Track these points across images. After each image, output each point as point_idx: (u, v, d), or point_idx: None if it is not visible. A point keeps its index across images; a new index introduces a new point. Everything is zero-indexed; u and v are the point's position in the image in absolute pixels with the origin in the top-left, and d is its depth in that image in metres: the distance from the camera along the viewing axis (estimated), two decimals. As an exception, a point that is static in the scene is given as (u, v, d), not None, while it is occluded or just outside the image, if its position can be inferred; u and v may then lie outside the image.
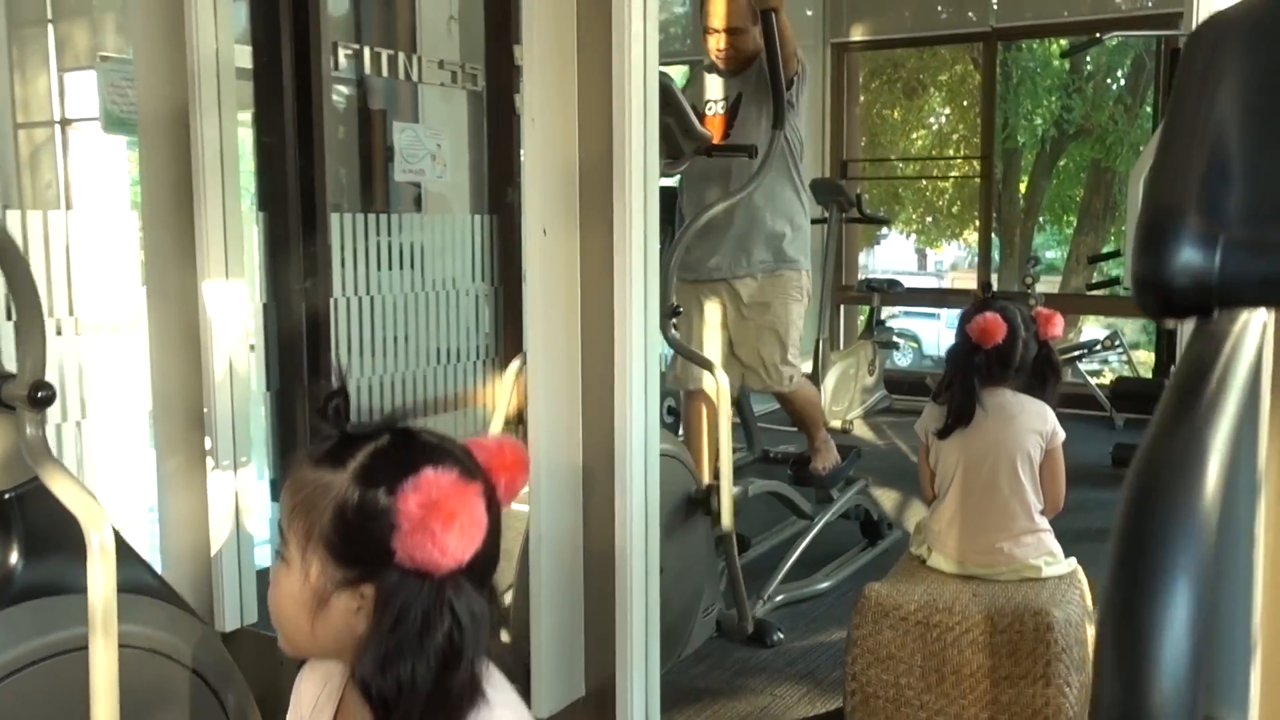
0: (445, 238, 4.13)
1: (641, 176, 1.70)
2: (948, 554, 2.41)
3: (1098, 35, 5.43)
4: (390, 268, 3.83)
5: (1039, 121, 9.86)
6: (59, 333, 2.65)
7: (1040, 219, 10.81)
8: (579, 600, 2.04)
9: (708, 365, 2.69)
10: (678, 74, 6.56)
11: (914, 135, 10.93)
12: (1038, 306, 2.57)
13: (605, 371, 1.81)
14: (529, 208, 1.75)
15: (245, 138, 3.54)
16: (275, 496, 3.60)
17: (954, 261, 14.27)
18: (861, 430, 5.89)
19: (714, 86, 3.48)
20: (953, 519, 2.42)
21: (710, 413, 3.51)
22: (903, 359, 16.11)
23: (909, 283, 17.89)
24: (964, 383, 2.41)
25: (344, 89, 4.22)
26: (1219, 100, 0.67)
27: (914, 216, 11.78)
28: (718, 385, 2.71)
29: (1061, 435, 2.43)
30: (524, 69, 1.71)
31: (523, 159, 1.74)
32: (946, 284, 16.70)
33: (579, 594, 2.03)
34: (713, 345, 3.46)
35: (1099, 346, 6.70)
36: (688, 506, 2.72)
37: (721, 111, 3.43)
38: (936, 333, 17.53)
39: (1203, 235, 0.62)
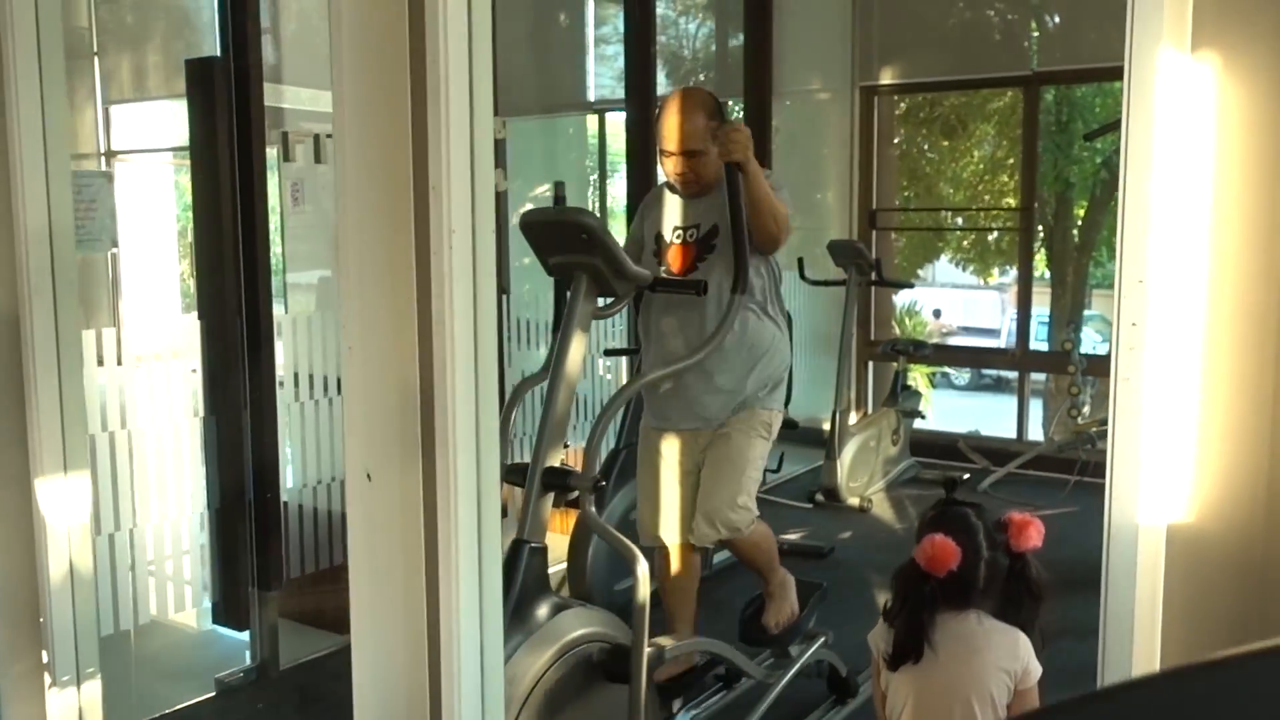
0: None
1: (470, 409, 1.39)
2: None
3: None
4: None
5: (1091, 161, 9.30)
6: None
7: (1096, 254, 10.22)
8: None
9: (628, 556, 2.31)
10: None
11: (960, 172, 10.42)
12: (1010, 513, 2.18)
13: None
14: (351, 447, 1.45)
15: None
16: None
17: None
18: (881, 506, 5.51)
19: (678, 209, 3.13)
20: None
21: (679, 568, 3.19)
22: (959, 379, 15.62)
23: (971, 295, 17.44)
24: (910, 616, 2.04)
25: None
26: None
27: (964, 245, 11.28)
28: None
29: (1036, 672, 2.06)
30: (341, 295, 1.42)
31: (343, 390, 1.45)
32: (1009, 298, 16.17)
33: None
34: (674, 497, 3.14)
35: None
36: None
37: (690, 240, 3.07)
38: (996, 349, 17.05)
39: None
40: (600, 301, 2.49)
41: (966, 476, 5.91)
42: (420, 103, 1.33)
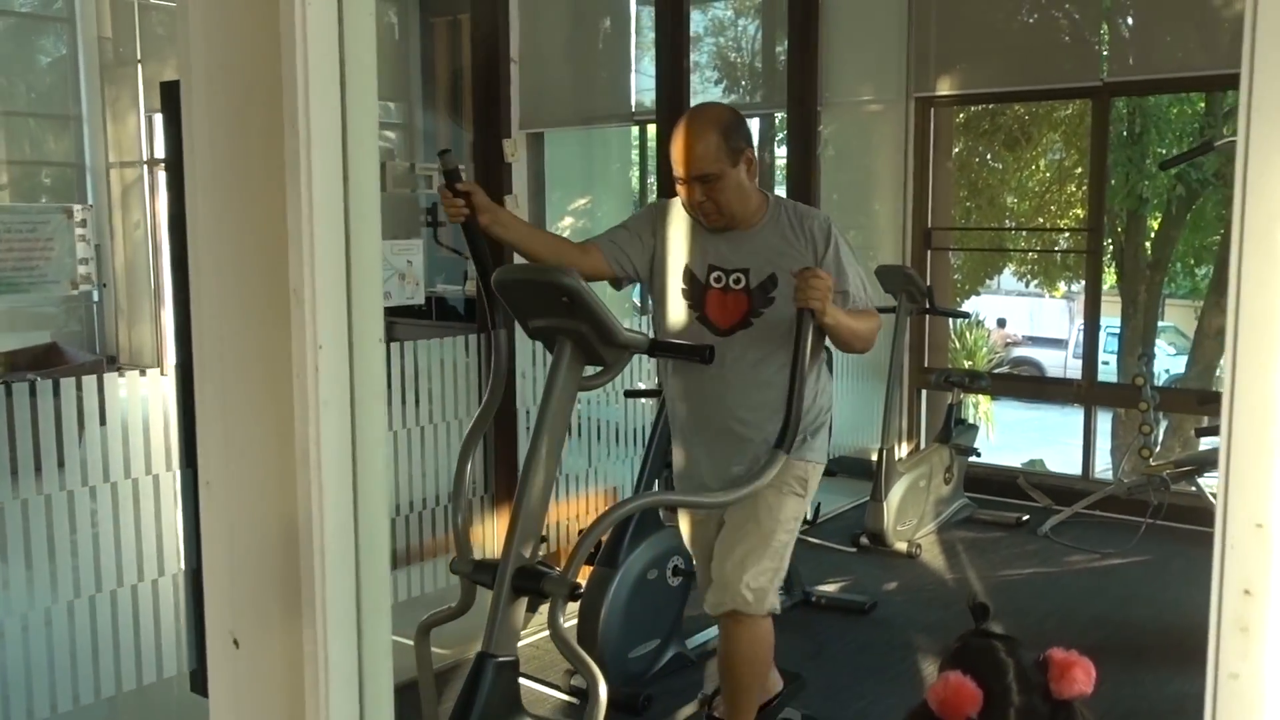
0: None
1: (346, 565, 1.06)
2: None
3: (1209, 141, 4.51)
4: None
5: (1167, 174, 8.75)
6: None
7: (1170, 269, 9.66)
8: None
9: (589, 677, 1.87)
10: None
11: (1025, 181, 9.91)
12: (1052, 650, 1.78)
13: None
14: (212, 604, 1.14)
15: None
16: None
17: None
18: (931, 551, 5.11)
19: (714, 241, 2.67)
20: None
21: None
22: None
23: (1037, 302, 16.80)
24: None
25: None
26: None
27: (1028, 259, 10.77)
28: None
29: None
30: (197, 413, 1.10)
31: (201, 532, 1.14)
32: (1078, 307, 15.56)
33: None
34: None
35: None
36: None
37: (736, 286, 2.60)
38: (1063, 361, 16.42)
39: None
40: (588, 370, 2.14)
41: (1026, 517, 5.50)
42: (276, 175, 1.02)
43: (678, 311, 2.65)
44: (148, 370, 3.00)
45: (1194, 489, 5.20)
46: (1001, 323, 16.53)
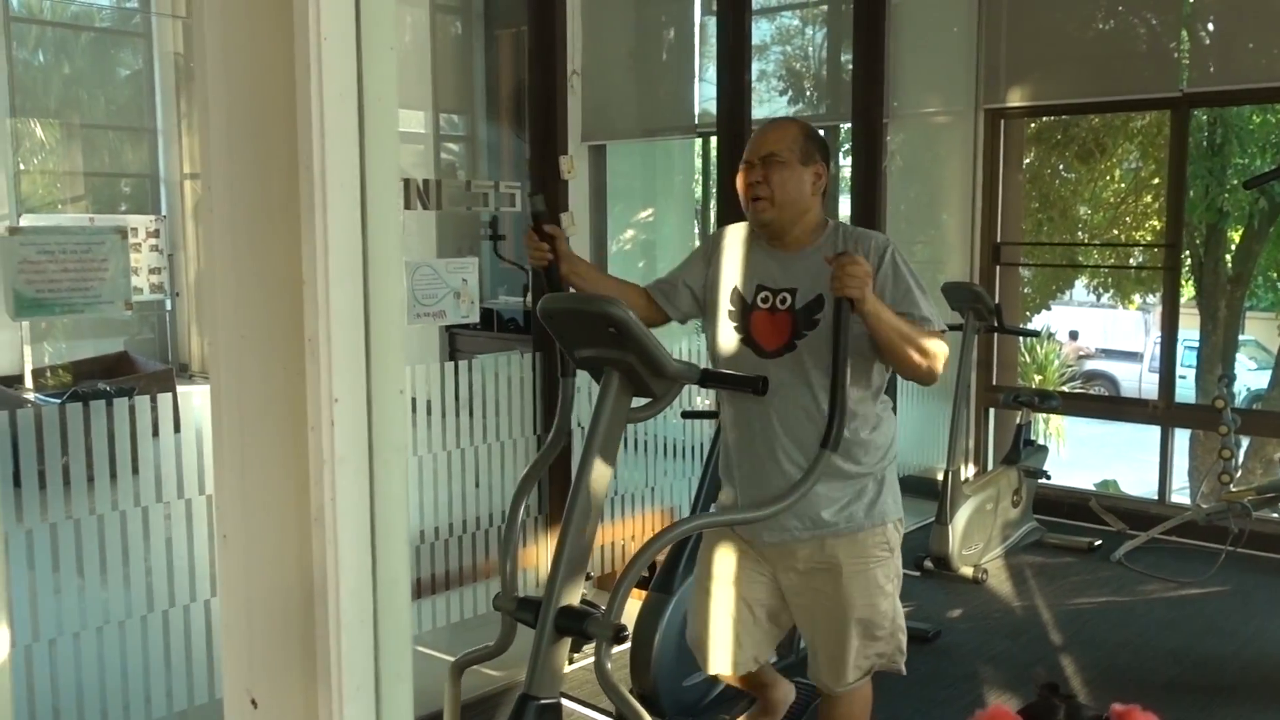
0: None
1: (364, 628, 1.01)
2: None
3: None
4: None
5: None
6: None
7: (1252, 284, 9.30)
8: None
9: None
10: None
11: (1100, 193, 9.62)
12: (1114, 706, 1.67)
13: None
14: (229, 662, 1.09)
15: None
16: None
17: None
18: (998, 577, 4.95)
19: (764, 261, 2.57)
20: None
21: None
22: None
23: (1111, 315, 16.36)
24: None
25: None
26: None
27: (1101, 272, 10.48)
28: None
29: None
30: (215, 466, 1.06)
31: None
32: (1153, 319, 15.14)
33: None
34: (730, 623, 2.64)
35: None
36: None
37: (782, 307, 2.48)
38: (1138, 375, 15.97)
39: None
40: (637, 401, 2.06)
41: (1099, 543, 5.32)
42: (295, 219, 0.97)
43: (726, 335, 2.56)
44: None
45: (1277, 516, 4.98)
46: (1074, 335, 16.15)
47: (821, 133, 2.67)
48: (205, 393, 2.94)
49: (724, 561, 2.63)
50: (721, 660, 2.67)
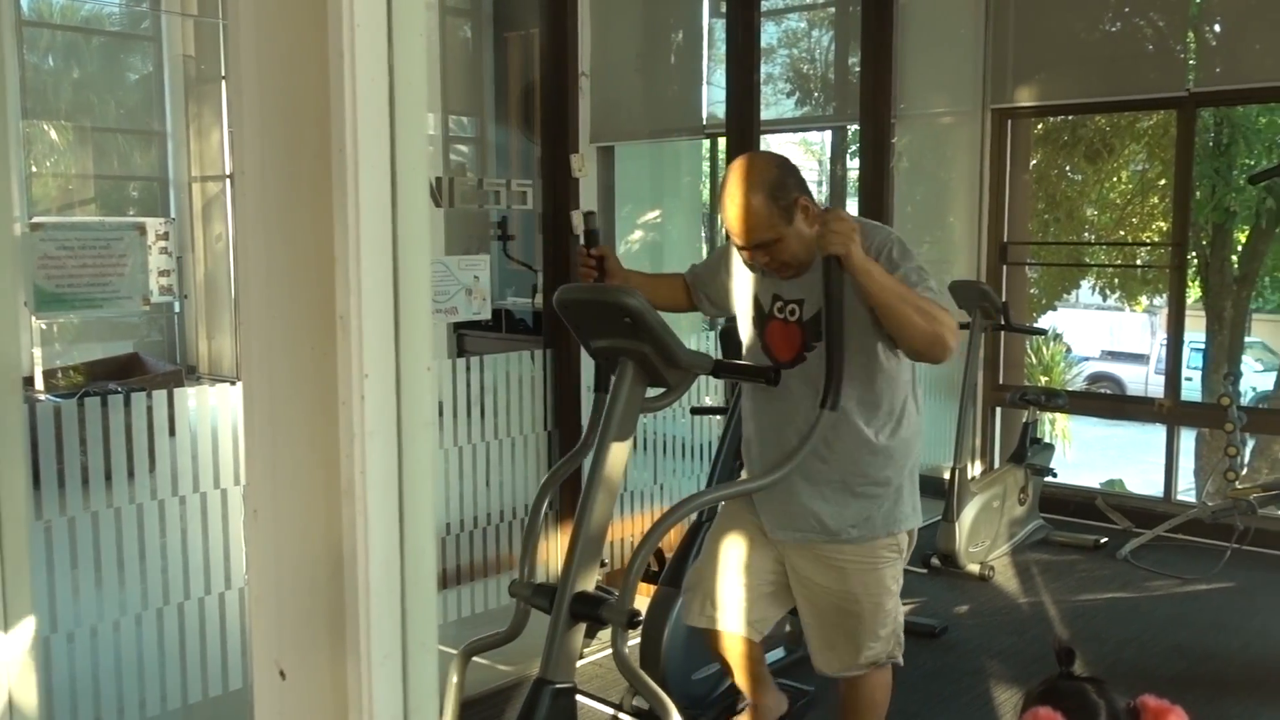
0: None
1: (392, 602, 1.03)
2: None
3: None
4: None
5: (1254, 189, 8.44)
6: None
7: (1259, 284, 9.31)
8: None
9: (662, 710, 1.84)
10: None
11: (1107, 194, 9.63)
12: (1144, 697, 1.69)
13: None
14: (259, 635, 1.12)
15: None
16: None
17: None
18: (1004, 574, 4.97)
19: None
20: None
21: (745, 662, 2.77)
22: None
23: (1117, 317, 16.35)
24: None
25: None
26: None
27: (1108, 272, 10.48)
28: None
29: None
30: (245, 441, 1.09)
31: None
32: (1160, 322, 15.11)
33: None
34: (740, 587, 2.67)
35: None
36: None
37: (792, 319, 2.50)
38: (1144, 378, 15.95)
39: None
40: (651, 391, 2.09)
41: (1104, 540, 5.34)
42: (326, 199, 1.00)
43: (750, 341, 2.63)
44: (231, 382, 3.05)
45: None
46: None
47: (790, 162, 2.53)
48: (218, 392, 3.01)
49: (736, 536, 2.67)
50: (727, 616, 2.67)
